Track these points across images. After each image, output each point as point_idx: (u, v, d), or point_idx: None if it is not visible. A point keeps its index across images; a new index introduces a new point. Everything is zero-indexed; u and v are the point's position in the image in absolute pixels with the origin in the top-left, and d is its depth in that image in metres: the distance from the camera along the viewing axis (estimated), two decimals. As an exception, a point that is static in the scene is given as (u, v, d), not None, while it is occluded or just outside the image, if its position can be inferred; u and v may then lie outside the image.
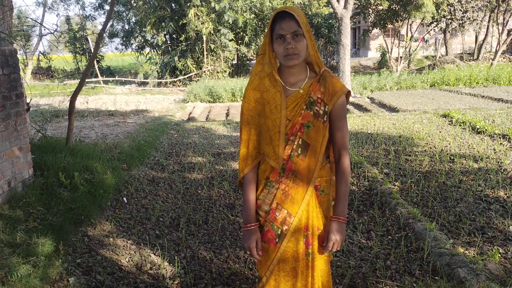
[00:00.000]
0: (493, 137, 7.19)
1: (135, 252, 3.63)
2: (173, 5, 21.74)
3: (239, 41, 22.47)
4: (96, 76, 22.08)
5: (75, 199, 4.23)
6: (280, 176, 1.92)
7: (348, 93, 1.96)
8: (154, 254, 3.58)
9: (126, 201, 4.83)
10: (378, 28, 23.49)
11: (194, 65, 21.25)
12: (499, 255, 3.32)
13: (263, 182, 1.97)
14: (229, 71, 21.87)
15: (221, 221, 4.28)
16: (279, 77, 1.93)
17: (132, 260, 3.48)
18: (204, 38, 20.06)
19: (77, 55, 28.43)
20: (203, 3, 19.63)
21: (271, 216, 1.94)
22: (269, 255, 1.96)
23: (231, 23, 19.87)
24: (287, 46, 1.82)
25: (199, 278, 3.23)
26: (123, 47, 25.59)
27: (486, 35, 25.62)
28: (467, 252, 3.39)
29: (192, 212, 4.55)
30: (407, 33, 23.06)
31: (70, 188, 4.44)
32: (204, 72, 20.60)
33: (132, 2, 22.59)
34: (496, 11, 22.85)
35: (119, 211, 4.55)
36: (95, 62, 22.84)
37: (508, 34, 21.80)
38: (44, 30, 23.08)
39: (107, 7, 24.73)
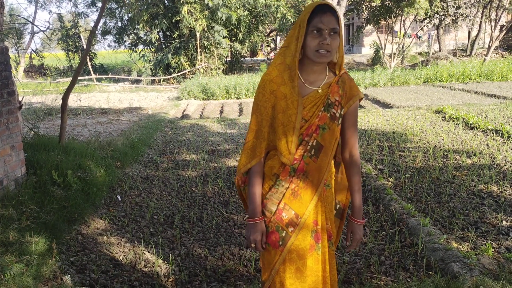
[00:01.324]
0: (486, 132, 7.23)
1: (129, 250, 3.61)
2: (166, 2, 21.63)
3: (233, 38, 22.41)
4: (89, 73, 21.94)
5: (69, 197, 4.21)
6: (291, 175, 1.87)
7: (360, 98, 1.95)
8: (149, 252, 3.57)
9: (120, 199, 4.81)
10: (371, 25, 23.53)
11: (187, 62, 21.18)
12: (492, 250, 3.34)
13: (270, 179, 1.92)
14: (223, 68, 21.81)
15: (215, 218, 4.27)
16: (299, 72, 1.87)
17: (126, 258, 3.47)
18: (198, 35, 19.99)
19: (70, 52, 28.24)
20: (196, 0, 19.56)
21: (277, 217, 1.88)
22: (272, 257, 1.90)
23: (224, 20, 19.81)
24: (323, 41, 1.75)
25: (193, 275, 3.23)
26: (116, 44, 25.40)
27: (479, 31, 25.73)
28: (460, 247, 3.41)
29: (187, 209, 4.54)
30: (400, 29, 23.09)
31: (63, 186, 4.41)
32: (198, 69, 20.54)
33: (125, -1, 22.46)
34: (488, 7, 22.95)
35: (113, 209, 4.53)
36: (88, 59, 22.70)
37: (501, 30, 21.89)
38: (36, 27, 22.90)
39: (99, 4, 24.56)
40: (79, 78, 7.79)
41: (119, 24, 24.81)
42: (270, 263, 1.91)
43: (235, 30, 22.14)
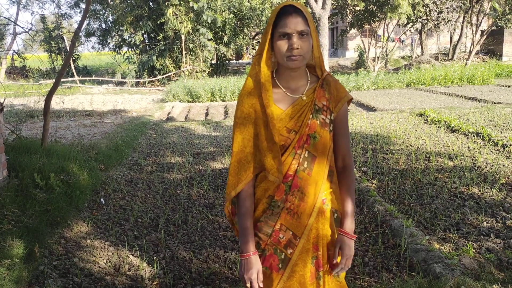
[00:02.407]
0: (467, 135, 7.36)
1: (113, 253, 3.58)
2: (151, 4, 21.53)
3: (218, 41, 22.40)
4: (73, 75, 21.70)
5: (51, 200, 4.16)
6: (286, 194, 1.70)
7: (349, 100, 1.81)
8: (133, 255, 3.55)
9: (103, 202, 4.77)
10: (355, 29, 23.76)
11: (172, 65, 21.11)
12: (473, 250, 3.40)
13: (264, 201, 1.74)
14: (208, 71, 21.79)
15: (200, 221, 4.26)
16: (277, 81, 1.74)
17: (110, 262, 3.44)
18: (183, 38, 19.95)
19: (53, 54, 27.91)
20: (181, 2, 19.51)
21: (273, 239, 1.72)
22: (271, 282, 1.74)
23: (209, 22, 19.80)
24: (292, 46, 1.62)
25: (178, 278, 3.22)
26: (100, 46, 25.18)
27: (460, 35, 26.17)
28: (442, 247, 3.47)
29: (171, 212, 4.52)
30: (384, 33, 23.38)
31: (46, 189, 4.36)
32: (183, 71, 20.48)
33: (109, 0, 22.28)
34: (469, 12, 23.36)
35: (96, 212, 4.49)
36: (71, 61, 22.45)
37: (482, 35, 22.31)
38: (19, 28, 22.58)
39: (83, 6, 24.34)
40: (62, 80, 7.71)
41: (103, 25, 24.62)
42: None
43: (221, 32, 22.15)
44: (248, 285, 1.71)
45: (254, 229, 1.75)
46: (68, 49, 21.71)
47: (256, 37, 28.29)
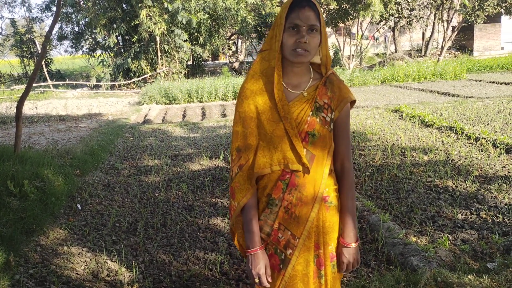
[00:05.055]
0: (441, 129, 7.51)
1: (90, 259, 3.53)
2: (124, 6, 21.25)
3: (194, 42, 22.26)
4: (46, 80, 21.24)
5: (26, 208, 4.07)
6: (283, 192, 1.68)
7: (353, 102, 1.76)
8: (111, 261, 3.50)
9: (80, 208, 4.70)
10: (330, 27, 23.95)
11: (148, 67, 20.88)
12: (449, 242, 3.48)
13: (263, 200, 1.72)
14: (185, 72, 21.62)
15: (179, 223, 4.24)
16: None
17: (88, 268, 3.39)
18: (158, 39, 19.76)
19: (25, 59, 27.29)
20: (155, 3, 19.32)
21: (273, 238, 1.71)
22: (273, 282, 1.72)
23: (184, 23, 19.66)
24: (300, 39, 1.59)
25: (158, 282, 3.19)
26: (73, 49, 24.71)
27: (432, 32, 26.65)
28: (419, 240, 3.53)
29: (150, 215, 4.48)
30: (358, 31, 23.64)
31: (20, 196, 4.27)
32: (159, 73, 20.29)
33: (81, 3, 21.91)
34: (440, 8, 23.83)
35: (72, 218, 4.42)
36: (43, 65, 22.01)
37: (453, 31, 22.77)
38: (-13, 33, 21.99)
39: (54, 9, 23.89)
40: (35, 85, 7.55)
41: (76, 28, 24.19)
42: None
43: (196, 33, 22.02)
44: (257, 280, 1.68)
45: None
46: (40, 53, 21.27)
47: (232, 37, 28.24)
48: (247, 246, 1.71)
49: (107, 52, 23.12)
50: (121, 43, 22.25)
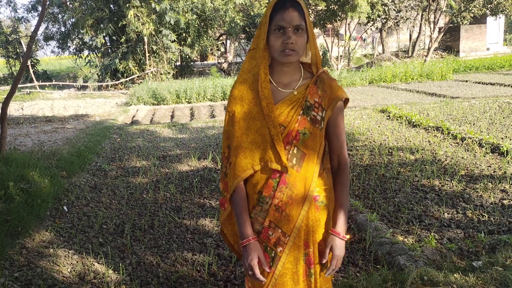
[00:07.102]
0: (428, 129, 7.58)
1: (77, 262, 3.50)
2: (111, 6, 21.10)
3: (182, 42, 22.18)
4: (32, 81, 21.01)
5: (11, 210, 4.02)
6: (274, 190, 1.69)
7: (346, 100, 1.77)
8: (98, 263, 3.47)
9: (66, 210, 4.65)
10: (318, 28, 24.03)
11: (136, 67, 20.76)
12: (435, 241, 3.50)
13: (254, 198, 1.74)
14: (173, 73, 21.53)
15: (167, 224, 4.21)
16: (270, 76, 1.73)
17: (74, 270, 3.35)
18: (146, 40, 19.66)
19: (10, 59, 26.95)
20: (143, 4, 19.21)
21: (263, 236, 1.72)
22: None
23: (173, 24, 19.58)
24: (286, 41, 1.61)
25: (145, 283, 3.17)
26: (60, 50, 24.47)
27: (419, 33, 26.89)
28: (406, 240, 3.56)
29: (137, 217, 4.45)
30: (345, 32, 23.76)
31: (5, 199, 4.21)
32: (147, 74, 20.18)
33: (68, 3, 21.71)
34: (427, 10, 24.06)
35: (59, 220, 4.37)
36: (30, 66, 21.76)
37: (439, 32, 23.00)
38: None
39: (40, 9, 23.61)
40: (21, 85, 7.46)
41: (63, 29, 23.97)
42: (261, 287, 1.74)
43: (184, 34, 21.94)
44: (251, 272, 1.68)
45: None
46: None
47: (221, 38, 28.19)
48: (240, 237, 1.71)
49: (94, 52, 22.95)
50: (108, 44, 22.09)
